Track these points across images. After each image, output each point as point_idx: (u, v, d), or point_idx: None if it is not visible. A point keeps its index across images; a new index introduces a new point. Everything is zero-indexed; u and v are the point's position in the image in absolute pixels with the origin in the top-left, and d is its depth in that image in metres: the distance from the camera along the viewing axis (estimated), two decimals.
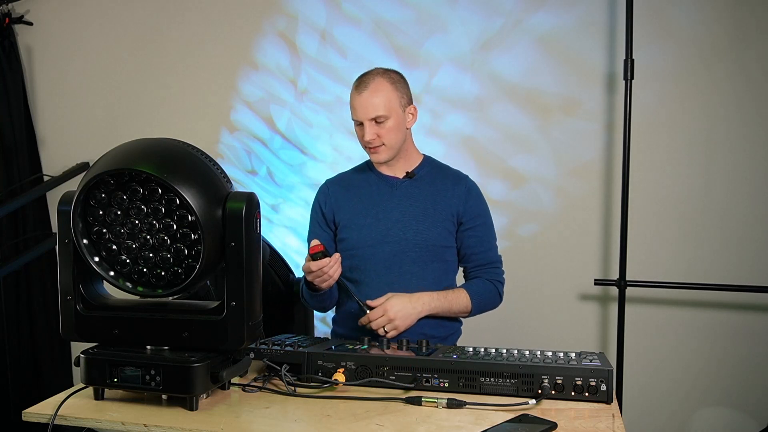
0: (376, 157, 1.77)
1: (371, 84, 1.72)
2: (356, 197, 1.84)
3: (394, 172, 1.84)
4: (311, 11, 2.67)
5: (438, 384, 1.35)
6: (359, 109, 1.72)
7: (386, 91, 1.72)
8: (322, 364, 1.42)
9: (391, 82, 1.74)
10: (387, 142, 1.73)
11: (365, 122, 1.72)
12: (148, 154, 1.22)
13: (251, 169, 2.85)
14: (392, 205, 1.80)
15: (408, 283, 1.75)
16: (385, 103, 1.71)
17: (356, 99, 1.73)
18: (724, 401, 2.29)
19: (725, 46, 2.20)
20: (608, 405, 1.27)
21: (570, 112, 2.38)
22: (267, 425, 1.19)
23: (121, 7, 2.95)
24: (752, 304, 2.23)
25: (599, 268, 2.39)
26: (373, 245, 1.77)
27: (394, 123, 1.73)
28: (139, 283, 1.28)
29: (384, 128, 1.72)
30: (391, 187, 1.82)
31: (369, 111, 1.70)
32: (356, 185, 1.86)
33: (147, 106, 2.95)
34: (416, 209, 1.78)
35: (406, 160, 1.83)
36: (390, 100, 1.72)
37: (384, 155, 1.75)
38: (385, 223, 1.78)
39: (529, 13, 2.40)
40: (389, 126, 1.72)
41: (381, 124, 1.71)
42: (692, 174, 2.27)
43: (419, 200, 1.79)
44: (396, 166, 1.83)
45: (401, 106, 1.75)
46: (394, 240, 1.76)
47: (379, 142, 1.73)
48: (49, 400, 1.33)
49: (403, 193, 1.81)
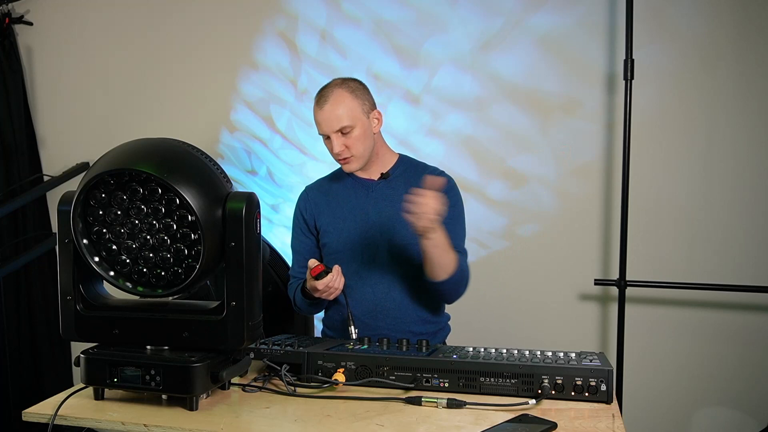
0: (348, 167, 1.78)
1: (331, 97, 1.72)
2: (335, 202, 1.85)
3: (369, 175, 1.84)
4: (311, 11, 2.67)
5: (438, 384, 1.35)
6: (323, 123, 1.73)
7: (347, 101, 1.72)
8: (322, 364, 1.42)
9: (350, 91, 1.74)
10: (355, 152, 1.74)
11: (331, 135, 1.72)
12: (148, 154, 1.22)
13: (251, 169, 2.85)
14: (369, 207, 1.81)
15: (390, 283, 1.78)
16: (347, 113, 1.71)
17: (318, 114, 1.73)
18: (724, 401, 2.29)
19: (725, 46, 2.20)
20: (608, 405, 1.27)
21: (570, 112, 2.38)
22: (267, 425, 1.19)
23: (121, 7, 2.95)
24: (752, 304, 2.23)
25: (599, 268, 2.39)
26: (354, 248, 1.79)
27: (360, 131, 1.73)
28: (139, 283, 1.28)
29: (351, 138, 1.72)
30: (367, 190, 1.83)
31: (333, 124, 1.71)
32: (334, 190, 1.88)
33: (147, 106, 2.95)
34: (392, 210, 1.78)
35: (379, 163, 1.84)
36: (352, 110, 1.72)
37: (355, 164, 1.76)
38: (363, 225, 1.79)
39: (529, 13, 2.40)
40: (356, 135, 1.72)
41: (347, 135, 1.72)
42: (692, 174, 2.27)
43: (395, 200, 1.77)
44: (371, 169, 1.84)
45: (364, 113, 1.75)
46: (373, 242, 1.78)
47: (348, 153, 1.74)
48: (49, 400, 1.33)
49: (379, 194, 1.82)
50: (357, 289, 1.77)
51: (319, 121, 1.74)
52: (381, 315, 1.78)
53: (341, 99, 1.72)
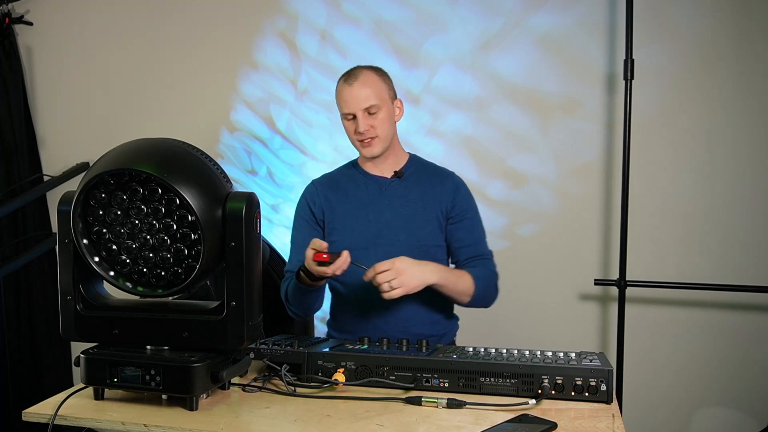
0: (370, 151, 1.73)
1: (360, 76, 1.70)
2: (345, 198, 1.81)
3: (381, 172, 1.80)
4: (311, 11, 2.67)
5: (438, 384, 1.35)
6: (350, 100, 1.69)
7: (376, 81, 1.71)
8: (322, 364, 1.42)
9: (379, 74, 1.74)
10: (380, 133, 1.71)
11: (358, 113, 1.69)
12: (148, 154, 1.22)
13: (251, 169, 2.85)
14: (382, 205, 1.77)
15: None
16: (375, 92, 1.69)
17: (346, 91, 1.70)
18: (724, 401, 2.29)
19: (725, 46, 2.20)
20: (608, 405, 1.27)
21: (570, 112, 2.38)
22: (267, 425, 1.19)
23: (121, 7, 2.95)
24: (752, 304, 2.23)
25: (599, 268, 2.39)
26: (366, 247, 1.73)
27: (386, 114, 1.71)
28: (139, 283, 1.28)
29: (377, 119, 1.69)
30: (380, 187, 1.79)
31: (361, 102, 1.68)
32: (344, 186, 1.83)
33: (147, 106, 2.95)
34: (407, 210, 1.75)
35: (393, 159, 1.81)
36: (380, 91, 1.71)
37: (377, 147, 1.72)
38: (377, 224, 1.75)
39: (529, 13, 2.40)
40: (382, 116, 1.70)
41: (374, 115, 1.69)
42: (692, 174, 2.27)
43: (409, 200, 1.76)
44: (384, 164, 1.80)
45: (390, 98, 1.74)
46: (386, 242, 1.73)
47: (374, 133, 1.70)
48: (49, 400, 1.33)
49: (393, 193, 1.78)
50: (365, 291, 1.71)
51: (347, 98, 1.70)
52: (391, 317, 1.73)
53: (371, 79, 1.70)
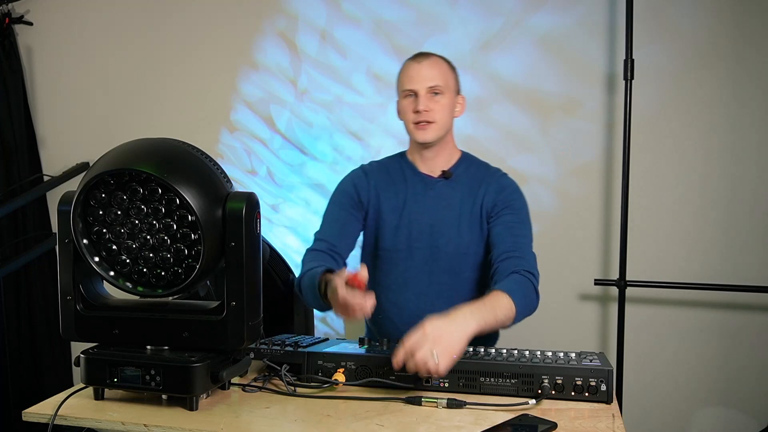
0: (423, 135, 1.63)
1: (431, 57, 1.66)
2: (392, 192, 1.71)
3: (430, 169, 1.71)
4: (311, 11, 2.67)
5: (438, 384, 1.35)
6: (416, 77, 1.62)
7: (445, 68, 1.66)
8: (322, 364, 1.42)
9: (449, 64, 1.69)
10: (438, 119, 1.62)
11: (421, 91, 1.61)
12: (148, 154, 1.22)
13: (251, 169, 2.85)
14: (425, 206, 1.68)
15: (437, 293, 1.66)
16: (443, 76, 1.63)
17: (413, 68, 1.63)
18: (724, 401, 2.29)
19: (725, 46, 2.20)
20: (608, 405, 1.27)
21: (570, 112, 2.38)
22: (267, 425, 1.19)
23: (121, 7, 2.95)
24: (752, 304, 2.23)
25: (599, 268, 2.39)
26: (404, 249, 1.66)
27: (448, 102, 1.64)
28: (139, 283, 1.28)
29: (438, 103, 1.62)
30: (426, 187, 1.70)
31: (427, 80, 1.61)
32: (393, 179, 1.73)
33: (147, 106, 2.95)
34: (450, 213, 1.66)
35: (445, 156, 1.71)
36: (448, 77, 1.65)
37: (432, 133, 1.63)
38: (418, 226, 1.67)
39: (529, 13, 2.40)
40: (443, 102, 1.62)
41: (436, 97, 1.62)
42: (692, 174, 2.27)
43: (453, 203, 1.67)
44: (434, 161, 1.70)
45: (454, 89, 1.68)
46: (425, 246, 1.66)
47: (432, 117, 1.61)
48: (49, 400, 1.33)
49: (438, 193, 1.69)
50: (399, 294, 1.67)
51: (412, 75, 1.63)
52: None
53: (440, 63, 1.66)
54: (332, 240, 1.67)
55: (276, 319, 2.17)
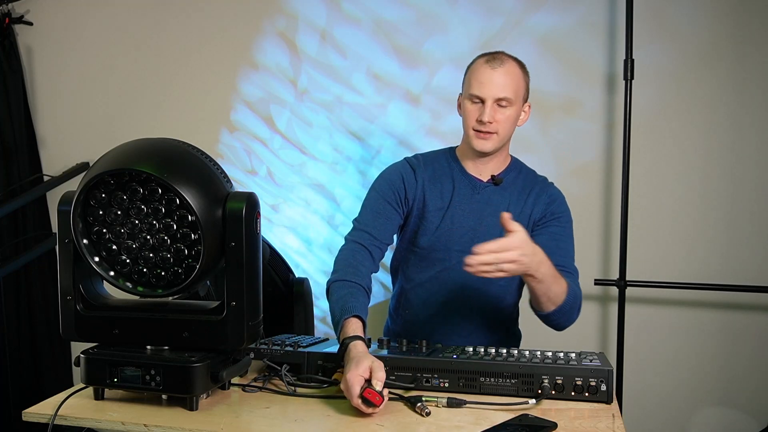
0: (483, 145, 1.57)
1: (506, 63, 1.55)
2: (438, 191, 1.64)
3: (479, 173, 1.65)
4: (311, 11, 2.67)
5: (438, 384, 1.35)
6: (487, 84, 1.53)
7: (519, 76, 1.57)
8: (322, 364, 1.42)
9: (523, 69, 1.60)
10: (501, 131, 1.56)
11: (488, 101, 1.53)
12: (148, 154, 1.22)
13: (251, 169, 2.85)
14: (470, 210, 1.63)
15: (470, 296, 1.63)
16: (514, 87, 1.55)
17: (487, 73, 1.53)
18: (724, 401, 2.29)
19: (725, 46, 2.20)
20: (608, 405, 1.27)
21: (570, 112, 2.38)
22: (267, 425, 1.19)
23: (121, 7, 2.95)
24: (752, 304, 2.23)
25: (599, 268, 2.39)
26: (442, 250, 1.63)
27: (514, 113, 1.57)
28: (139, 283, 1.28)
29: (504, 114, 1.54)
30: (473, 190, 1.64)
31: (498, 90, 1.53)
32: (440, 177, 1.66)
33: (147, 106, 2.95)
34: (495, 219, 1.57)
35: (496, 162, 1.66)
36: (519, 88, 1.56)
37: (491, 145, 1.56)
38: (459, 229, 1.62)
39: (529, 13, 2.40)
40: (509, 114, 1.55)
41: (503, 109, 1.54)
42: (692, 174, 2.27)
43: (499, 209, 1.57)
44: (485, 166, 1.65)
45: (523, 98, 1.61)
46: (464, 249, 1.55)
47: (495, 128, 1.55)
48: (49, 400, 1.33)
49: (485, 198, 1.64)
50: (430, 293, 1.64)
51: (483, 81, 1.53)
52: (448, 330, 1.64)
53: (515, 70, 1.56)
54: (374, 232, 1.61)
55: (276, 319, 2.17)
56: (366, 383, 1.20)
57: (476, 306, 1.66)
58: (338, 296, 1.48)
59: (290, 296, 2.28)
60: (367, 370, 1.21)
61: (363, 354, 1.27)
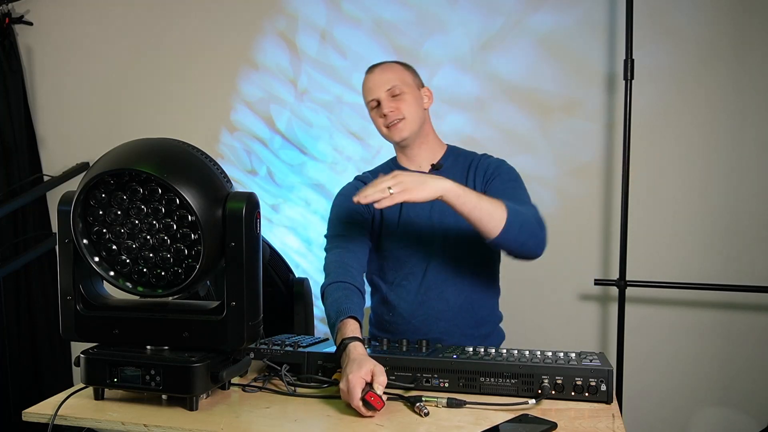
0: (398, 133, 1.67)
1: (383, 65, 1.71)
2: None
3: (419, 166, 1.74)
4: (311, 11, 2.67)
5: (438, 384, 1.35)
6: (373, 86, 1.68)
7: (398, 68, 1.71)
8: (322, 364, 1.42)
9: (401, 64, 1.74)
10: (407, 114, 1.65)
11: (382, 96, 1.66)
12: (148, 154, 1.22)
13: (251, 169, 2.85)
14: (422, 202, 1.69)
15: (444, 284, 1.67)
16: (397, 76, 1.68)
17: (368, 79, 1.70)
18: (724, 401, 2.29)
19: (725, 46, 2.20)
20: (608, 405, 1.27)
21: (570, 112, 2.38)
22: (267, 425, 1.19)
23: (121, 8, 2.95)
24: (752, 304, 2.23)
25: (599, 268, 2.39)
26: (409, 246, 1.68)
27: (412, 97, 1.67)
28: (139, 283, 1.28)
29: (402, 101, 1.65)
30: None
31: (383, 84, 1.66)
32: None
33: (147, 106, 2.95)
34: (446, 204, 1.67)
35: (429, 150, 1.74)
36: (403, 77, 1.69)
37: (405, 130, 1.66)
38: (418, 221, 1.69)
39: (529, 13, 2.40)
40: (407, 99, 1.66)
41: (398, 97, 1.66)
42: (692, 174, 2.27)
43: None
44: (419, 157, 1.74)
45: (415, 85, 1.71)
46: (429, 239, 1.68)
47: (399, 114, 1.65)
48: (49, 400, 1.33)
49: None
50: (409, 290, 1.69)
51: (369, 86, 1.69)
52: (433, 319, 1.67)
53: (392, 66, 1.71)
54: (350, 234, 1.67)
55: (276, 319, 2.17)
56: (367, 386, 1.21)
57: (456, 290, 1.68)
58: (333, 299, 1.51)
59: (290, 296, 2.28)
60: (369, 373, 1.22)
61: (364, 356, 1.28)
